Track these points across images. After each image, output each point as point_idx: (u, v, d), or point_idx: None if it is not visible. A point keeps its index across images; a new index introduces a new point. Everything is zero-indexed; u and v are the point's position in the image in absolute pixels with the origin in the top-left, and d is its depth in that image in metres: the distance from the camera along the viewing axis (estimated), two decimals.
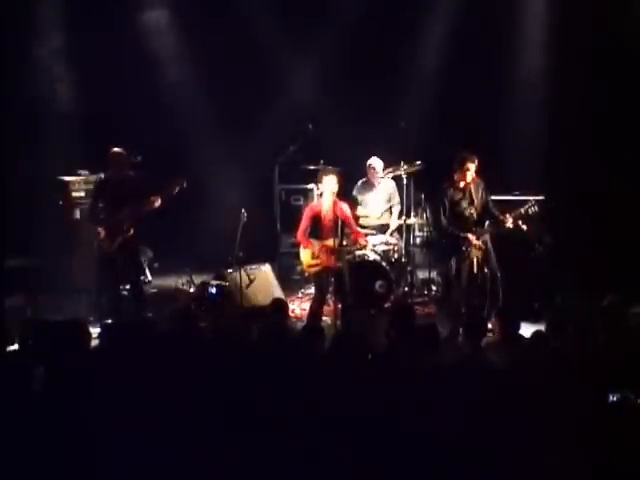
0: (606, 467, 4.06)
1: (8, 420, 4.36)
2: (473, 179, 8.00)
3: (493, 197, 8.24)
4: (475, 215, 8.01)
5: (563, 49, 10.36)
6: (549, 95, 10.59)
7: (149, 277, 10.64)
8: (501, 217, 7.94)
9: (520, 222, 7.91)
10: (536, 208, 7.93)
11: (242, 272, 8.66)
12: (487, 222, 8.02)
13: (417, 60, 11.26)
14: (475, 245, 7.87)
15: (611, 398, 4.43)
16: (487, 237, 7.98)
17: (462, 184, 7.98)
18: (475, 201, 8.00)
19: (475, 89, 10.53)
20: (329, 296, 8.34)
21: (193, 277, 9.28)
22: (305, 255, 8.14)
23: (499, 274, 7.98)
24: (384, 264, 9.02)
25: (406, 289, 9.51)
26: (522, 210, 7.94)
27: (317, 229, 8.08)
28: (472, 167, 7.93)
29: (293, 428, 4.34)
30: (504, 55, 10.83)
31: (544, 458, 4.14)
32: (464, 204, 8.01)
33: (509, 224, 7.89)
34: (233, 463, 4.22)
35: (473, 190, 8.01)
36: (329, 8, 11.07)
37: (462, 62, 10.71)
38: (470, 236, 7.89)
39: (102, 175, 8.57)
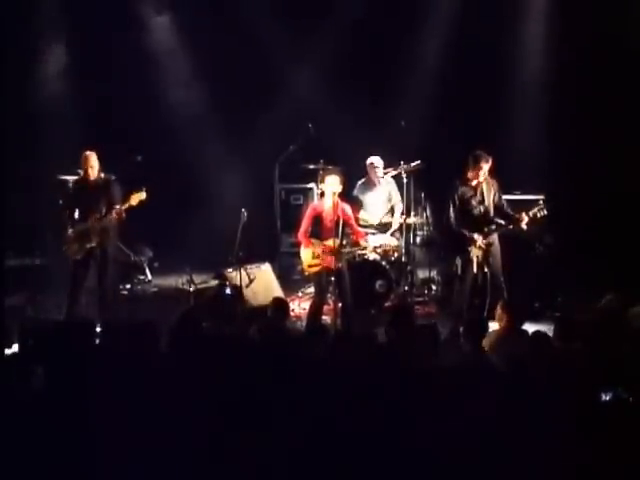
0: (605, 466, 4.06)
1: (8, 420, 4.36)
2: (486, 179, 7.98)
3: None
4: (484, 214, 7.98)
5: (564, 49, 10.36)
6: (549, 95, 10.59)
7: (149, 277, 10.65)
8: (517, 216, 7.90)
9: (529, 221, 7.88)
10: (545, 212, 7.90)
11: (242, 272, 8.65)
12: (497, 222, 7.98)
13: (417, 60, 11.26)
14: (477, 245, 7.85)
15: (604, 397, 4.43)
16: (495, 237, 7.95)
17: (474, 182, 7.96)
18: (486, 200, 7.96)
19: (475, 89, 10.53)
20: (329, 296, 8.34)
21: (193, 277, 9.27)
22: (305, 255, 8.13)
23: (501, 276, 7.95)
24: (384, 264, 9.02)
25: (406, 288, 9.51)
26: (530, 213, 7.90)
27: (318, 229, 8.07)
28: (485, 167, 7.89)
29: (293, 428, 4.34)
30: (505, 55, 10.83)
31: (543, 457, 4.14)
32: (474, 202, 7.97)
33: (524, 224, 7.85)
34: (233, 463, 4.22)
35: (485, 189, 7.97)
36: (329, 9, 11.07)
37: (463, 62, 10.72)
38: (475, 236, 7.86)
39: (76, 176, 8.47)
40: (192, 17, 11.13)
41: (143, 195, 8.17)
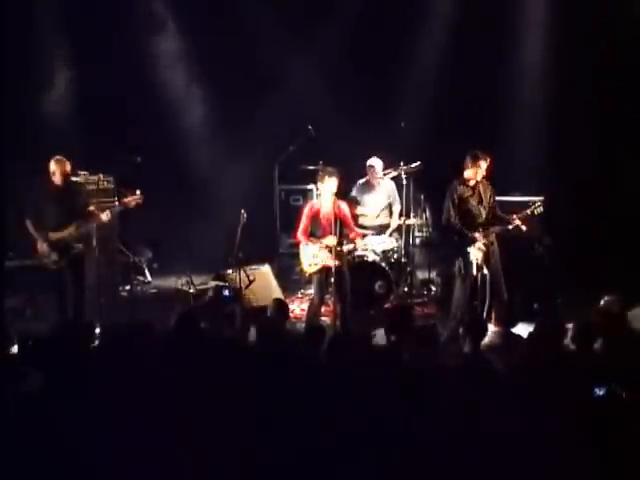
0: (605, 466, 4.06)
1: (7, 422, 4.36)
2: (482, 180, 7.98)
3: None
4: (483, 215, 7.98)
5: (563, 49, 10.37)
6: (549, 95, 10.60)
7: (148, 278, 10.66)
8: (507, 218, 7.92)
9: (522, 223, 7.89)
10: (542, 209, 7.91)
11: (241, 273, 8.65)
12: (493, 224, 7.99)
13: (417, 61, 11.26)
14: (477, 246, 7.84)
15: (597, 392, 4.42)
16: (494, 238, 7.95)
17: (472, 182, 7.96)
18: (484, 201, 7.98)
19: (475, 89, 10.53)
20: (328, 296, 8.33)
21: (193, 277, 9.27)
22: (304, 255, 8.13)
23: (501, 277, 7.95)
24: (384, 265, 9.02)
25: (406, 289, 9.51)
26: (528, 211, 7.92)
27: (316, 228, 8.07)
28: (484, 165, 7.91)
29: (293, 429, 4.34)
30: (504, 55, 10.83)
31: (543, 458, 4.14)
32: (473, 202, 7.98)
33: (514, 225, 7.87)
34: (233, 464, 4.22)
35: (482, 190, 7.99)
36: (329, 8, 11.07)
37: (462, 62, 10.72)
38: (476, 235, 7.86)
39: (42, 185, 7.99)
40: (192, 17, 11.12)
41: (139, 198, 8.03)
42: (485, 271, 7.90)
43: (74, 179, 8.29)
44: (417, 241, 10.00)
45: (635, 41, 10.10)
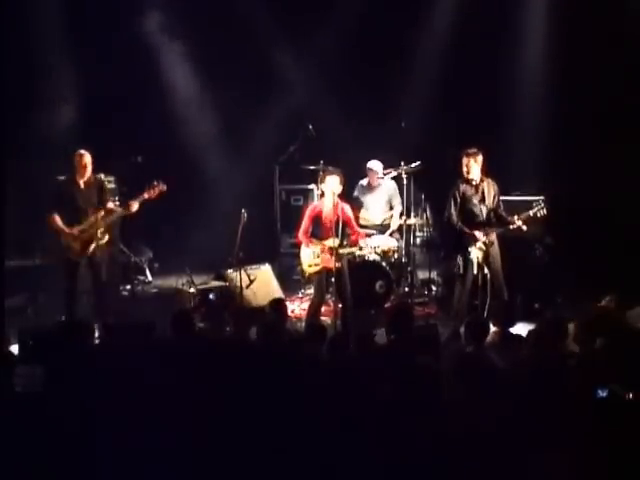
0: (605, 465, 4.07)
1: (8, 421, 4.37)
2: (486, 179, 7.97)
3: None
4: (484, 214, 7.98)
5: (565, 48, 10.36)
6: (550, 94, 10.59)
7: (149, 277, 10.66)
8: (509, 219, 7.91)
9: (523, 224, 7.88)
10: (545, 211, 7.89)
11: (242, 272, 8.65)
12: (494, 223, 7.99)
13: (417, 59, 11.26)
14: (477, 245, 7.84)
15: (600, 394, 4.43)
16: (494, 237, 7.95)
17: (476, 181, 7.95)
18: (486, 200, 7.97)
19: (476, 89, 10.53)
20: (329, 296, 8.34)
21: (193, 277, 9.28)
22: (305, 255, 8.13)
23: (501, 276, 7.95)
24: (384, 264, 9.03)
25: (406, 289, 9.51)
26: (531, 213, 7.90)
27: (318, 229, 8.07)
28: (470, 162, 7.89)
29: (292, 429, 4.34)
30: (505, 55, 10.83)
31: (543, 458, 4.14)
32: (475, 200, 7.97)
33: (516, 226, 7.87)
34: (233, 464, 4.22)
35: (486, 189, 7.97)
36: (329, 7, 11.08)
37: (463, 61, 10.71)
38: (477, 233, 7.85)
39: (63, 178, 8.37)
40: (192, 17, 11.12)
41: (163, 187, 8.28)
42: (485, 271, 7.91)
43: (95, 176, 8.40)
44: (418, 241, 10.00)
45: (637, 39, 10.08)
